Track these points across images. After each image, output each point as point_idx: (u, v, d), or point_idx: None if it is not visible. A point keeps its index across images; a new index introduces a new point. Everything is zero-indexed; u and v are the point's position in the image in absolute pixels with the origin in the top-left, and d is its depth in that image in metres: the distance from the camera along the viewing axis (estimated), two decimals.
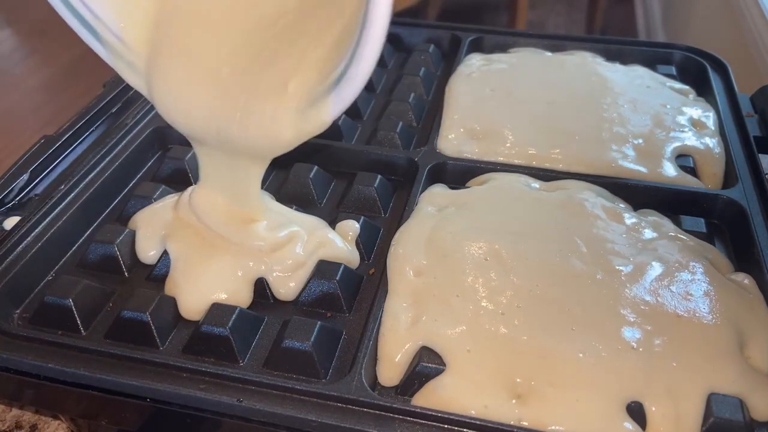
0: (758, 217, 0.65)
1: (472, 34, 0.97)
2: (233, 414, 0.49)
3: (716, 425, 0.49)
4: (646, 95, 0.83)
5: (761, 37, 1.45)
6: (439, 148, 0.76)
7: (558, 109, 0.80)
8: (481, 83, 0.85)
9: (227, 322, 0.55)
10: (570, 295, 0.57)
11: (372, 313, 0.57)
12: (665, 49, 0.94)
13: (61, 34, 2.08)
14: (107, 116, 0.79)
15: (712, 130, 0.78)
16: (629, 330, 0.54)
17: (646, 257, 0.61)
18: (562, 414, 0.49)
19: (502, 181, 0.70)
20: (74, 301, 0.58)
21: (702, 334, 0.54)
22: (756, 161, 0.72)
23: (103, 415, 0.54)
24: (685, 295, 0.57)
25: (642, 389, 0.50)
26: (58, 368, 0.52)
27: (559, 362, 0.52)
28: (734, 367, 0.52)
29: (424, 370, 0.52)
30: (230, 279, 0.59)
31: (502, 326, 0.54)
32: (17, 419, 0.62)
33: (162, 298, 0.58)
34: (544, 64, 0.90)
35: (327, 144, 0.77)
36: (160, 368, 0.52)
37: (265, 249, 0.60)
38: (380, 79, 0.93)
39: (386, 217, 0.71)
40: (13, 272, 0.60)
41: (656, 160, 0.73)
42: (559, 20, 3.17)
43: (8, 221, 0.64)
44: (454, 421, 0.48)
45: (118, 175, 0.73)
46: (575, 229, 0.63)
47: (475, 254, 0.60)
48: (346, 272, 0.61)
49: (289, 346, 0.54)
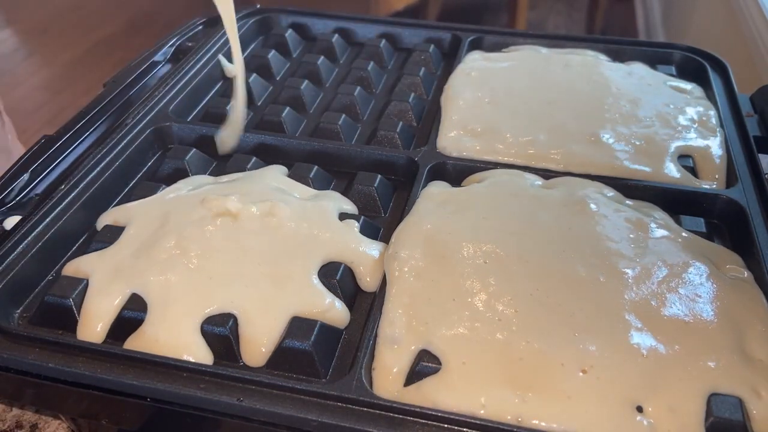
0: (758, 217, 0.65)
1: (472, 34, 0.97)
2: (233, 414, 0.49)
3: (716, 425, 0.49)
4: (647, 94, 0.83)
5: (761, 37, 1.45)
6: (439, 147, 0.76)
7: (558, 109, 0.80)
8: (481, 83, 0.85)
9: (227, 322, 0.55)
10: (571, 298, 0.57)
11: (372, 313, 0.57)
12: (665, 49, 0.94)
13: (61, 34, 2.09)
14: (107, 116, 0.79)
15: (712, 129, 0.78)
16: (631, 334, 0.54)
17: (647, 258, 0.60)
18: (563, 416, 0.49)
19: (502, 178, 0.70)
20: (74, 301, 0.58)
21: (703, 335, 0.54)
22: (756, 161, 0.72)
23: (104, 414, 0.54)
24: (687, 297, 0.57)
25: (645, 393, 0.50)
26: (59, 368, 0.52)
27: (558, 366, 0.51)
28: (736, 367, 0.52)
29: (423, 370, 0.52)
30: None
31: (499, 332, 0.54)
32: (18, 419, 0.62)
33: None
34: (545, 63, 0.90)
35: (327, 144, 0.77)
36: (161, 368, 0.52)
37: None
38: (380, 79, 0.93)
39: (386, 217, 0.71)
40: (13, 272, 0.60)
41: (657, 160, 0.73)
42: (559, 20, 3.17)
43: (8, 221, 0.64)
44: (454, 421, 0.48)
45: (118, 175, 0.73)
46: (576, 228, 0.63)
47: (474, 256, 0.60)
48: (345, 272, 0.61)
49: (289, 346, 0.54)
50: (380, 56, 0.96)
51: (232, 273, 0.59)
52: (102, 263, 0.61)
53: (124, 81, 0.85)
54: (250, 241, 0.62)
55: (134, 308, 0.57)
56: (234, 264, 0.59)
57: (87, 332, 0.56)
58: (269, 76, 0.92)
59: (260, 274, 0.59)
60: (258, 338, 0.55)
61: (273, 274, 0.59)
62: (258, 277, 0.59)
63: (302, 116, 0.85)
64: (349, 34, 1.02)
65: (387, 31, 1.01)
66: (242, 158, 0.75)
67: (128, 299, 0.58)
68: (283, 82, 0.90)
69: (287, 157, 0.76)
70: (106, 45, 2.91)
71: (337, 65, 0.96)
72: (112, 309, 0.57)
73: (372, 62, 0.92)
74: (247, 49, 0.98)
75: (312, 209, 0.66)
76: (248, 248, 0.61)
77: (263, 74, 0.91)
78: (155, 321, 0.56)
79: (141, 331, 0.56)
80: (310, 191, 0.70)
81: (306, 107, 0.86)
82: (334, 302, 0.58)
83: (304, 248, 0.61)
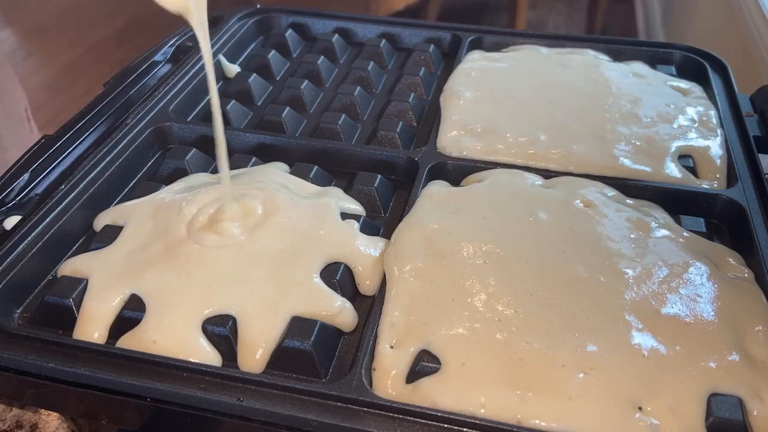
0: (758, 217, 0.65)
1: (472, 34, 0.97)
2: (233, 413, 0.49)
3: (716, 425, 0.49)
4: (647, 94, 0.83)
5: (761, 37, 1.45)
6: (439, 147, 0.76)
7: (558, 109, 0.80)
8: (481, 83, 0.85)
9: (227, 322, 0.55)
10: (571, 298, 0.56)
11: (372, 313, 0.57)
12: (665, 49, 0.94)
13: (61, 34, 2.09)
14: (107, 116, 0.79)
15: (712, 129, 0.78)
16: (632, 334, 0.54)
17: (648, 258, 0.60)
18: (563, 416, 0.49)
19: (502, 177, 0.70)
20: (74, 301, 0.58)
21: (703, 335, 0.54)
22: (756, 161, 0.72)
23: (104, 414, 0.55)
24: (687, 297, 0.57)
25: (645, 393, 0.50)
26: (59, 368, 0.52)
27: (559, 367, 0.51)
28: (736, 367, 0.52)
29: (423, 370, 0.52)
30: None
31: (499, 332, 0.54)
32: (18, 419, 0.62)
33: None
34: (545, 62, 0.90)
35: (327, 144, 0.77)
36: (161, 368, 0.52)
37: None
38: (380, 79, 0.93)
39: (386, 217, 0.71)
40: (13, 272, 0.60)
41: (657, 160, 0.73)
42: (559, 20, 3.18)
43: (8, 221, 0.64)
44: (454, 421, 0.48)
45: (118, 175, 0.73)
46: (577, 228, 0.63)
47: (474, 256, 0.60)
48: (345, 272, 0.61)
49: (289, 346, 0.54)
50: (380, 56, 0.96)
51: (234, 275, 0.59)
52: (99, 263, 0.61)
53: (124, 81, 0.85)
54: (252, 241, 0.61)
55: (134, 308, 0.57)
56: (235, 265, 0.59)
57: (86, 332, 0.56)
58: (269, 76, 0.92)
59: (263, 274, 0.59)
60: (257, 341, 0.55)
61: (275, 274, 0.59)
62: (261, 279, 0.58)
63: (302, 116, 0.85)
64: (349, 34, 1.02)
65: (387, 31, 1.01)
66: (242, 158, 0.75)
67: (128, 299, 0.58)
68: (283, 82, 0.90)
69: (287, 157, 0.76)
70: (106, 45, 2.91)
71: (337, 65, 0.96)
72: (111, 309, 0.57)
73: (372, 62, 0.92)
74: (247, 49, 0.98)
75: (313, 208, 0.66)
76: (250, 248, 0.61)
77: (263, 74, 0.91)
78: (153, 322, 0.56)
79: (136, 331, 0.56)
80: (312, 187, 0.70)
81: (306, 107, 0.86)
82: (344, 305, 0.58)
83: (306, 248, 0.61)
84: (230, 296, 0.57)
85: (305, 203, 0.66)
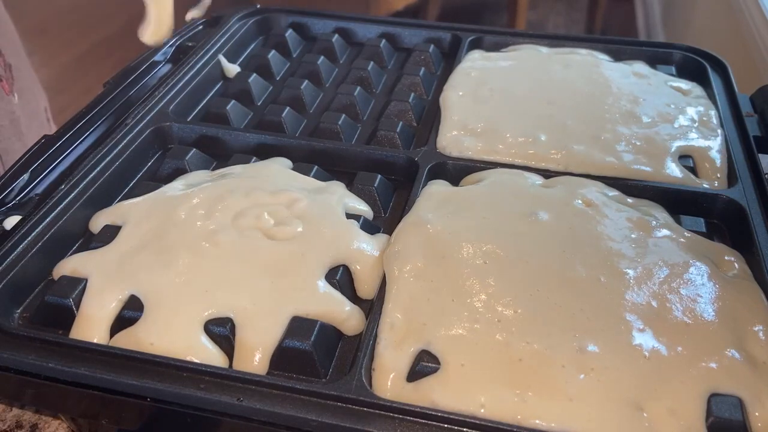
0: (758, 217, 0.65)
1: (472, 34, 0.97)
2: (233, 414, 0.49)
3: (716, 425, 0.49)
4: (647, 94, 0.83)
5: (761, 37, 1.45)
6: (439, 147, 0.76)
7: (558, 109, 0.80)
8: (481, 83, 0.85)
9: (227, 322, 0.55)
10: (571, 298, 0.56)
11: (372, 313, 0.57)
12: (665, 49, 0.94)
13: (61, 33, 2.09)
14: (107, 116, 0.79)
15: (712, 129, 0.78)
16: (633, 335, 0.54)
17: (648, 258, 0.60)
18: (564, 417, 0.49)
19: (502, 177, 0.70)
20: (74, 301, 0.58)
21: (704, 335, 0.54)
22: (756, 161, 0.72)
23: (104, 414, 0.54)
24: (687, 297, 0.57)
25: (645, 394, 0.50)
26: (59, 368, 0.52)
27: (559, 367, 0.51)
28: (736, 367, 0.52)
29: (423, 370, 0.52)
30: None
31: (499, 333, 0.53)
32: (18, 419, 0.62)
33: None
34: (545, 62, 0.90)
35: (327, 144, 0.77)
36: (161, 368, 0.52)
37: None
38: (380, 79, 0.93)
39: (386, 217, 0.71)
40: (13, 272, 0.60)
41: (657, 160, 0.73)
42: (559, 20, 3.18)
43: (8, 221, 0.64)
44: (454, 421, 0.48)
45: (118, 175, 0.73)
46: (577, 228, 0.63)
47: (474, 256, 0.60)
48: (345, 273, 0.61)
49: (289, 346, 0.54)
50: (380, 56, 0.96)
51: (235, 276, 0.58)
52: (96, 262, 0.61)
53: (124, 81, 0.85)
54: (254, 241, 0.61)
55: (133, 308, 0.57)
56: (236, 266, 0.59)
57: (85, 333, 0.56)
58: (269, 76, 0.92)
59: (265, 275, 0.58)
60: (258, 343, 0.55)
61: (278, 275, 0.59)
62: (263, 280, 0.58)
63: (302, 116, 0.85)
64: (349, 34, 1.02)
65: (387, 31, 1.01)
66: (242, 158, 0.75)
67: (127, 300, 0.58)
68: (283, 82, 0.90)
69: (287, 157, 0.76)
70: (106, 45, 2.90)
71: (337, 65, 0.96)
72: (111, 310, 0.57)
73: (372, 62, 0.92)
74: (247, 49, 0.98)
75: (317, 206, 0.65)
76: (251, 248, 0.61)
77: (263, 74, 0.91)
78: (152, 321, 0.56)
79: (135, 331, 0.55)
80: (315, 183, 0.70)
81: (306, 107, 0.86)
82: (353, 310, 0.58)
83: (311, 249, 0.61)
84: (231, 297, 0.57)
85: (312, 199, 0.66)
